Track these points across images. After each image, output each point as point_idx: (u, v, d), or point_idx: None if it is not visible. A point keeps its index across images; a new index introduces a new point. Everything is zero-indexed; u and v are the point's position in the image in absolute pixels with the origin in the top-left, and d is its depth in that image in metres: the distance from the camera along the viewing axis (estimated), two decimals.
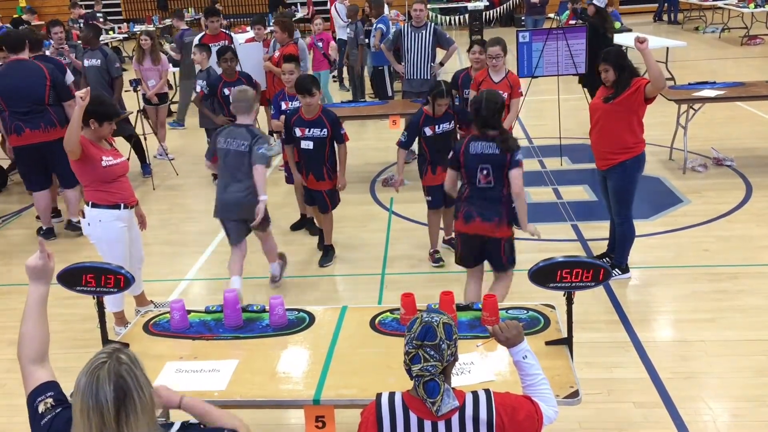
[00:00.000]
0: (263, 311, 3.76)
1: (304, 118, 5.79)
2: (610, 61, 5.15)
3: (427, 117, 5.69)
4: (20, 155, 6.98)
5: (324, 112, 5.87)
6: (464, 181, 4.57)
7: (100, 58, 8.47)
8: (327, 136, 5.82)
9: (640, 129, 5.29)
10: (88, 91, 4.62)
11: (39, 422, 2.11)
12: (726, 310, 5.07)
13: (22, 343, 2.28)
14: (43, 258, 2.41)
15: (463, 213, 4.54)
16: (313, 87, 5.66)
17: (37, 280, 2.39)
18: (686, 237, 6.34)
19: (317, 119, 5.79)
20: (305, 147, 5.85)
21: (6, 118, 6.82)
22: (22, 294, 2.40)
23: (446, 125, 5.72)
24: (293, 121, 5.84)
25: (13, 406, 4.33)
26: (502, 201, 4.45)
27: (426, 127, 5.69)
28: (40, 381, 2.21)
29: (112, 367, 1.93)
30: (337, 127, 5.89)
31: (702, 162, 8.04)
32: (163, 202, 8.10)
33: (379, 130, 10.60)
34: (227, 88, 7.26)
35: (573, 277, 3.15)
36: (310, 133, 5.80)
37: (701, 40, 17.20)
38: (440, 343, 2.28)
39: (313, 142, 5.81)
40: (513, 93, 6.45)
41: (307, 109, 5.75)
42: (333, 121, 5.87)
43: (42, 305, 2.36)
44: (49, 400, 2.14)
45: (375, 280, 5.93)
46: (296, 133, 5.84)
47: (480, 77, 6.57)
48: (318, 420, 3.01)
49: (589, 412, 3.94)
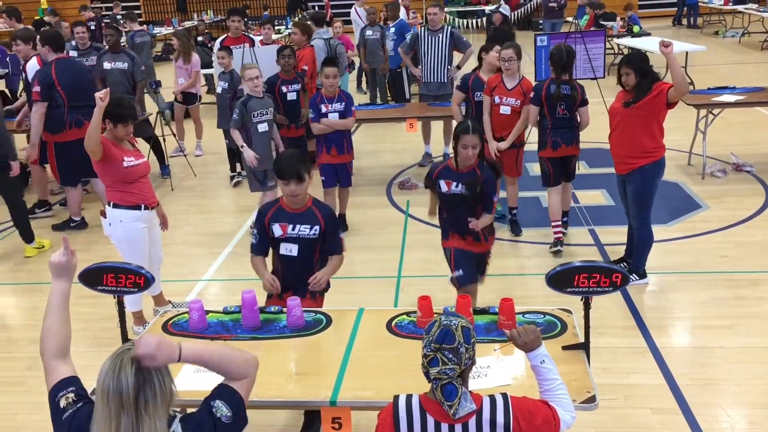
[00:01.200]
0: (280, 312, 3.78)
1: (288, 210, 4.06)
2: (632, 65, 5.13)
3: (447, 168, 4.59)
4: (64, 150, 7.10)
5: (316, 204, 4.11)
6: (546, 114, 6.04)
7: (126, 61, 8.53)
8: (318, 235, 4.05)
9: (660, 134, 5.26)
10: (108, 92, 4.68)
11: (60, 416, 2.13)
12: (745, 317, 5.02)
13: (45, 338, 2.31)
14: (66, 255, 2.46)
15: (551, 143, 6.09)
16: (303, 168, 3.93)
17: (60, 277, 2.43)
18: (705, 243, 6.29)
19: (306, 212, 4.05)
20: (285, 253, 4.07)
21: (65, 112, 7.05)
22: (44, 293, 2.44)
23: (461, 188, 4.46)
24: (270, 215, 4.07)
25: (33, 404, 4.38)
26: (575, 128, 6.10)
27: (442, 179, 4.57)
28: (62, 376, 2.24)
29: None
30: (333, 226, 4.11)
31: (721, 167, 7.98)
32: (181, 202, 8.16)
33: (396, 133, 10.61)
34: (285, 86, 7.27)
35: (591, 282, 3.14)
36: (294, 232, 4.04)
37: (721, 44, 17.07)
38: (458, 347, 2.28)
39: (297, 245, 4.04)
40: (526, 100, 6.34)
41: (292, 200, 4.03)
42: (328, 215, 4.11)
43: (65, 301, 2.40)
44: (71, 395, 2.16)
45: (391, 282, 5.94)
46: (274, 232, 4.05)
47: (493, 82, 6.44)
48: (335, 421, 3.03)
49: (605, 417, 3.92)
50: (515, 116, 6.36)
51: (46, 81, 6.93)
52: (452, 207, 4.56)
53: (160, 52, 19.45)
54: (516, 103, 6.32)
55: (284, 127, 7.29)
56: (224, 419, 2.14)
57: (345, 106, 6.56)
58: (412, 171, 8.86)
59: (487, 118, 6.46)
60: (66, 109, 7.04)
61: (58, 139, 7.12)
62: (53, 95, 6.98)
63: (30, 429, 4.23)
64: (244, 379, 2.24)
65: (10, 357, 5.12)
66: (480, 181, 4.42)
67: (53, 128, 7.09)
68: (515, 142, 6.44)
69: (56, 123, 7.07)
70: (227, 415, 2.15)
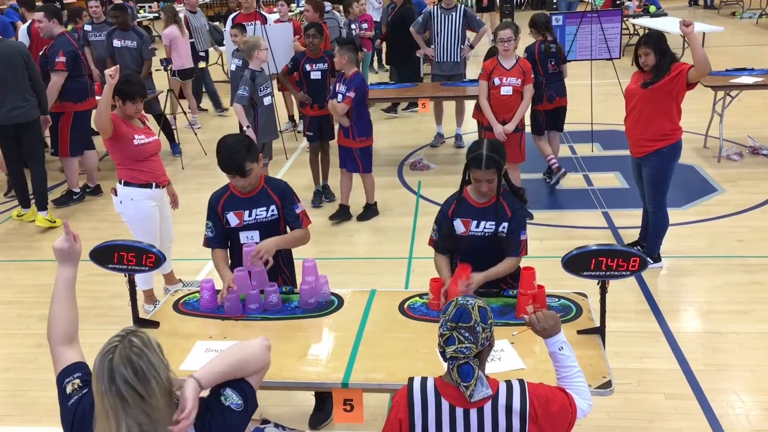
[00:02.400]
0: (292, 293, 3.75)
1: (240, 196, 3.80)
2: (651, 45, 5.03)
3: (464, 202, 3.65)
4: (84, 119, 7.50)
5: (268, 182, 3.85)
6: (540, 72, 6.85)
7: (135, 40, 8.48)
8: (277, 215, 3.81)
9: (678, 116, 5.18)
10: (117, 69, 4.65)
11: (66, 402, 2.13)
12: (760, 302, 4.97)
13: (51, 324, 2.31)
14: (68, 240, 2.42)
15: (546, 97, 7.00)
16: (244, 159, 3.64)
17: (65, 263, 2.41)
18: (720, 227, 6.22)
19: (259, 193, 3.79)
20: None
21: (87, 82, 7.53)
22: (54, 270, 2.42)
23: (489, 225, 3.58)
24: (222, 204, 3.81)
25: (44, 381, 4.38)
26: (563, 81, 7.14)
27: (458, 218, 3.68)
28: (69, 362, 2.23)
29: (123, 352, 1.93)
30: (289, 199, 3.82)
31: (737, 150, 7.87)
32: (191, 181, 8.14)
33: (408, 113, 10.53)
34: (309, 64, 7.18)
35: (607, 266, 3.09)
36: (252, 218, 3.78)
37: (738, 25, 16.82)
38: (475, 326, 2.25)
39: (258, 231, 3.76)
40: (525, 79, 6.26)
41: (241, 189, 3.78)
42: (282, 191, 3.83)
43: (70, 288, 2.38)
44: (77, 381, 2.16)
45: (402, 263, 5.91)
46: (230, 221, 3.79)
47: (490, 66, 6.35)
48: (346, 403, 3.00)
49: (618, 401, 3.89)
50: (517, 96, 6.29)
51: (71, 51, 7.21)
52: (470, 253, 3.61)
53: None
54: (517, 83, 6.25)
55: (307, 106, 7.25)
56: (234, 407, 2.11)
57: (348, 88, 6.36)
58: (423, 151, 8.80)
59: (485, 103, 6.38)
60: (88, 78, 7.52)
61: (80, 107, 7.40)
62: (78, 64, 7.29)
63: (41, 406, 4.24)
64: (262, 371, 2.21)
65: (21, 334, 5.13)
66: (507, 216, 3.56)
67: (77, 97, 7.35)
68: (518, 126, 6.36)
69: (81, 92, 7.37)
70: (237, 403, 2.11)
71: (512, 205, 3.58)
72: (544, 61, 6.93)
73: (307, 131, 7.36)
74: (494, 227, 3.55)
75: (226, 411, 2.09)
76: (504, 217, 3.55)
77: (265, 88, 6.78)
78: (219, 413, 2.09)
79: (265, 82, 6.79)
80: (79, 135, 7.47)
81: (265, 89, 6.78)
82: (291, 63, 7.31)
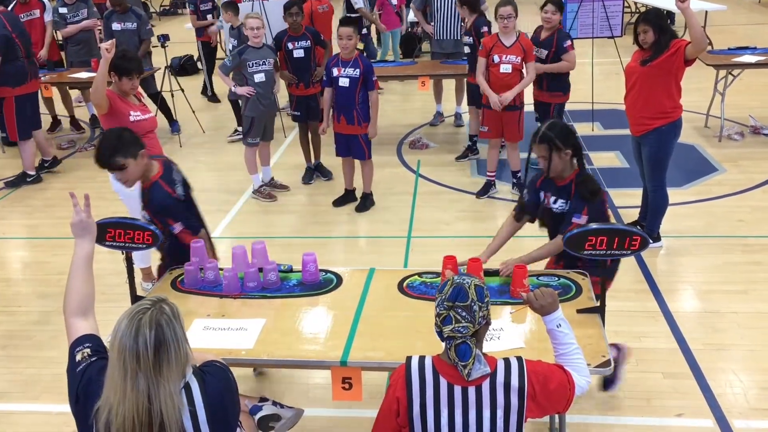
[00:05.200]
0: (290, 271, 3.74)
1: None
2: (650, 22, 4.97)
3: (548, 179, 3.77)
4: (27, 101, 7.28)
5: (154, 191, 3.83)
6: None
7: (134, 21, 8.34)
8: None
9: (678, 93, 5.13)
10: (113, 42, 4.64)
11: (75, 369, 2.17)
12: (759, 282, 4.96)
13: (68, 297, 2.35)
14: (78, 213, 2.47)
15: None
16: (118, 156, 3.63)
17: (83, 237, 2.47)
18: (720, 206, 6.20)
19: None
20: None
21: (25, 64, 7.22)
22: (52, 248, 2.42)
23: (561, 203, 3.70)
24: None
25: (42, 358, 4.37)
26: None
27: (542, 191, 3.81)
28: (82, 333, 2.27)
29: (154, 315, 2.00)
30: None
31: (739, 130, 7.83)
32: (189, 159, 8.08)
33: (407, 92, 10.46)
34: (291, 42, 7.03)
35: (608, 245, 3.07)
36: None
37: (741, 4, 16.68)
38: (472, 305, 2.24)
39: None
40: (527, 57, 6.19)
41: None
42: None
43: (87, 263, 2.44)
44: (87, 350, 2.20)
45: (401, 242, 5.89)
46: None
47: (490, 43, 6.26)
48: (345, 381, 3.00)
49: None
50: (516, 74, 6.22)
51: (2, 35, 6.96)
52: (547, 225, 3.85)
53: (168, 6, 19.19)
54: (517, 60, 6.18)
55: (293, 85, 7.15)
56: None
57: (361, 74, 6.10)
58: (423, 130, 8.75)
59: (481, 78, 6.33)
60: (26, 60, 7.19)
61: (19, 91, 7.20)
62: (12, 47, 7.05)
63: (40, 382, 4.23)
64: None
65: (19, 311, 5.11)
66: (571, 196, 3.63)
67: (14, 81, 7.15)
68: (516, 104, 6.29)
69: (18, 75, 7.14)
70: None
71: (580, 190, 3.59)
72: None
73: (293, 111, 7.26)
74: (564, 206, 3.64)
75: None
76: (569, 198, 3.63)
77: (257, 64, 6.53)
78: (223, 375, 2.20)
79: (257, 59, 6.53)
80: (23, 118, 7.27)
81: (256, 65, 6.53)
82: (274, 42, 7.14)
